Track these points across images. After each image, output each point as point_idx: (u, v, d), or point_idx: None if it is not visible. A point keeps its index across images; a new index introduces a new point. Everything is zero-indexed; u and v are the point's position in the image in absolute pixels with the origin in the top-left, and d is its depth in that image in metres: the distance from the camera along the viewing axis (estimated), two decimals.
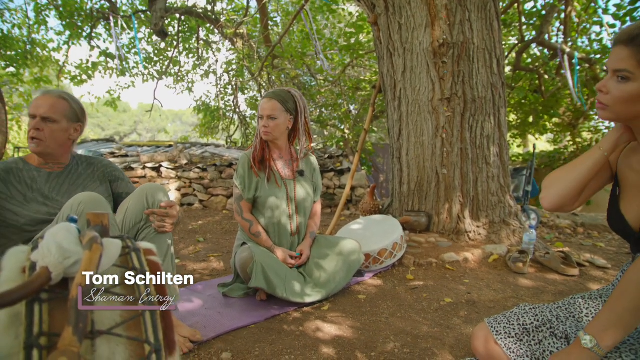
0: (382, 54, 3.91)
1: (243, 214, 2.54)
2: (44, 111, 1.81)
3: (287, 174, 2.62)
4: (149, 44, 10.90)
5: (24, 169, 1.86)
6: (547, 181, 1.30)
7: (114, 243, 0.99)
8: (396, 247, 2.99)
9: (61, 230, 0.96)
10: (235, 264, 2.47)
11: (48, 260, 0.88)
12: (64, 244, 0.91)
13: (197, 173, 6.61)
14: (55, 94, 1.88)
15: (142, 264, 1.00)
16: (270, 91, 2.60)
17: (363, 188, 6.42)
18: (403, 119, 3.75)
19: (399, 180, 3.87)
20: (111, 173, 2.07)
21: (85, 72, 9.90)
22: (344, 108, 9.53)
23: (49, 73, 10.70)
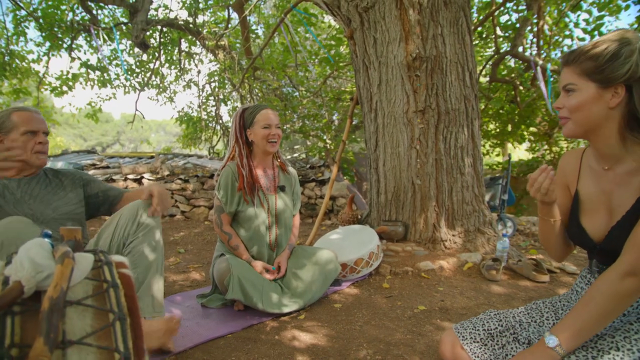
0: (359, 67, 3.99)
1: (222, 226, 2.58)
2: (45, 127, 2.00)
3: (269, 187, 2.67)
4: (131, 55, 10.89)
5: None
6: (541, 242, 1.53)
7: (86, 257, 1.03)
8: (372, 257, 3.05)
9: (34, 246, 0.99)
10: (213, 275, 2.51)
11: (21, 274, 0.92)
12: (37, 258, 0.95)
13: (179, 184, 6.61)
14: (36, 111, 2.02)
15: (113, 277, 1.04)
16: (264, 104, 2.68)
17: (344, 198, 6.48)
18: (379, 131, 3.81)
19: (377, 190, 3.93)
20: (81, 177, 2.18)
21: (65, 84, 9.84)
22: (325, 119, 9.63)
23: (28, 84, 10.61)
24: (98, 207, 2.21)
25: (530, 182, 1.33)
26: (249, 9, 7.08)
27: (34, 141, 1.96)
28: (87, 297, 0.98)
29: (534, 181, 1.31)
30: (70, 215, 2.07)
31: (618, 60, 1.17)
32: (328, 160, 8.57)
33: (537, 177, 1.31)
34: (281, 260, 2.65)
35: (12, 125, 1.93)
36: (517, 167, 9.71)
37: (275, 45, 9.45)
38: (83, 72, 10.03)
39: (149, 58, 10.74)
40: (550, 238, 1.44)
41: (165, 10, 10.07)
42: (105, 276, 1.03)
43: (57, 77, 9.81)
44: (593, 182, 1.35)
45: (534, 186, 1.32)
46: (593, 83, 1.20)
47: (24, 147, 1.94)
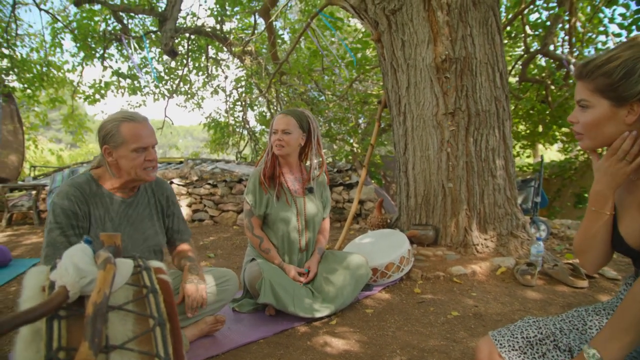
0: (386, 70, 3.97)
1: (254, 230, 2.60)
2: (155, 139, 1.86)
3: (297, 190, 2.68)
4: (160, 62, 11.15)
5: (98, 192, 1.83)
6: (576, 247, 1.38)
7: (126, 263, 1.06)
8: (403, 261, 3.02)
9: (77, 252, 1.02)
10: (245, 279, 2.53)
11: (66, 279, 0.94)
12: (80, 264, 0.97)
13: (207, 189, 6.70)
14: (145, 120, 1.86)
15: (152, 282, 1.06)
16: (285, 109, 2.69)
17: (372, 202, 6.45)
18: (408, 134, 3.79)
19: (406, 194, 3.89)
20: (168, 207, 2.08)
21: (98, 92, 10.18)
22: (352, 122, 9.60)
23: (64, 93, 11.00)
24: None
25: (610, 151, 1.20)
26: (275, 15, 7.16)
27: (144, 157, 1.81)
28: (128, 302, 1.00)
29: (615, 150, 1.19)
30: (157, 247, 2.01)
31: (632, 78, 1.10)
32: (355, 164, 8.54)
33: (621, 145, 1.17)
34: (311, 264, 2.65)
35: (121, 140, 1.76)
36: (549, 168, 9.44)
37: (301, 50, 9.50)
38: (114, 81, 10.36)
39: (178, 65, 10.98)
40: (595, 238, 1.32)
41: (193, 18, 10.25)
42: (145, 282, 1.05)
43: (90, 86, 10.17)
44: (626, 189, 1.29)
45: (617, 154, 1.18)
46: (607, 100, 1.14)
47: (133, 165, 1.80)
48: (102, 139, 1.77)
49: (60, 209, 1.69)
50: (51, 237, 1.67)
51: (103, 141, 1.77)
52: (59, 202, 1.70)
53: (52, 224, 1.69)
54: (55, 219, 1.68)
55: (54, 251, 1.66)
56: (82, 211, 1.73)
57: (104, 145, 1.77)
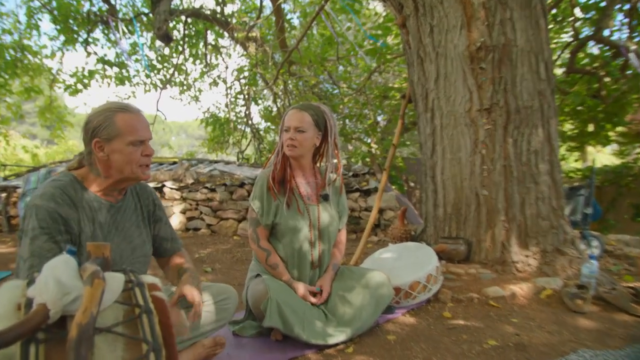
0: (412, 59, 3.96)
1: (259, 241, 2.58)
2: (150, 133, 1.85)
3: (310, 197, 2.66)
4: (152, 49, 11.22)
5: (84, 196, 1.80)
6: None
7: (116, 277, 1.05)
8: (431, 280, 2.98)
9: (59, 264, 1.02)
10: (248, 298, 2.51)
11: (46, 296, 0.93)
12: (63, 278, 0.96)
13: (204, 194, 6.72)
14: (139, 111, 1.87)
15: (146, 300, 1.05)
16: (299, 104, 2.67)
17: (393, 210, 6.42)
18: (437, 133, 3.77)
19: (433, 202, 3.87)
20: (154, 212, 2.08)
21: (80, 81, 10.20)
22: (370, 119, 9.59)
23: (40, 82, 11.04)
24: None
25: None
26: None
27: (141, 152, 1.80)
28: (117, 323, 0.99)
29: None
30: (146, 258, 2.00)
31: None
32: (373, 167, 8.51)
33: None
34: (324, 282, 2.63)
35: (116, 132, 1.74)
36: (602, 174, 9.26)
37: (313, 37, 9.52)
38: (100, 69, 10.40)
39: (172, 52, 11.05)
40: None
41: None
42: (137, 300, 1.04)
43: (71, 74, 10.19)
44: None
45: None
46: None
47: (129, 161, 1.78)
48: (92, 131, 1.75)
49: (45, 212, 1.65)
50: (36, 246, 1.62)
51: (93, 134, 1.75)
52: (43, 204, 1.67)
53: (35, 230, 1.64)
54: (40, 224, 1.64)
55: (40, 261, 1.59)
56: (70, 216, 1.71)
57: (94, 139, 1.75)
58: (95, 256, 1.11)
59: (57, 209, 1.67)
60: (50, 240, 1.64)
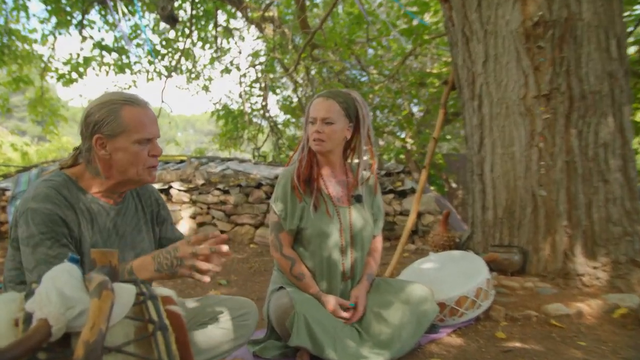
0: (456, 39, 3.92)
1: (282, 249, 2.57)
2: (158, 130, 1.85)
3: (340, 198, 2.64)
4: (155, 32, 11.31)
5: (81, 197, 1.81)
6: None
7: (126, 289, 1.03)
8: (480, 294, 2.94)
9: (62, 273, 1.00)
10: (270, 314, 2.50)
11: (47, 310, 0.92)
12: (66, 290, 0.95)
13: (216, 196, 6.76)
14: (147, 104, 1.86)
15: (160, 315, 1.03)
16: (326, 91, 2.64)
17: (432, 214, 6.36)
18: (485, 124, 3.73)
19: (482, 204, 3.83)
20: (159, 213, 2.11)
21: (75, 70, 10.24)
22: (405, 110, 9.53)
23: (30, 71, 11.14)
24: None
25: None
26: None
27: (147, 152, 1.80)
28: (128, 342, 0.97)
29: None
30: None
31: None
32: (409, 165, 8.46)
33: None
34: (359, 295, 2.60)
35: (121, 127, 1.74)
36: None
37: (338, 16, 9.50)
38: (96, 55, 10.48)
39: (178, 36, 11.13)
40: None
41: None
42: (151, 315, 1.02)
43: (65, 62, 10.24)
44: None
45: None
46: None
47: (134, 161, 1.78)
48: (93, 126, 1.75)
49: (43, 215, 1.64)
50: (41, 252, 1.62)
51: (94, 129, 1.74)
52: (39, 206, 1.66)
53: (35, 237, 1.63)
54: (39, 229, 1.63)
55: (48, 269, 1.60)
56: (70, 218, 1.71)
57: (95, 135, 1.74)
58: (101, 264, 1.09)
59: (55, 210, 1.67)
60: (55, 245, 1.64)
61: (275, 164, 9.46)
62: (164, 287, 1.21)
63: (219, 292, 4.02)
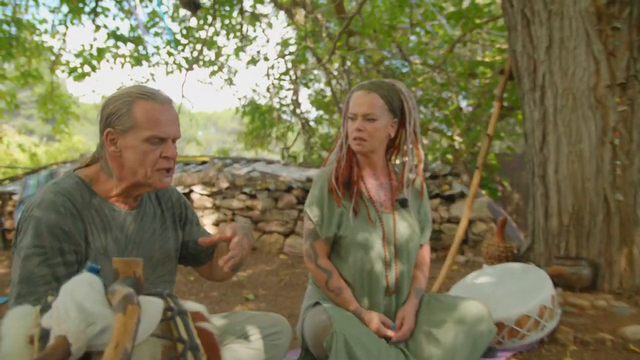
0: (515, 21, 3.89)
1: (318, 259, 2.55)
2: (178, 130, 1.85)
3: (383, 202, 2.60)
4: (175, 20, 11.43)
5: (93, 202, 1.82)
6: None
7: (153, 303, 1.02)
8: (545, 314, 2.88)
9: (82, 285, 1.00)
10: (305, 333, 2.47)
11: (66, 326, 0.91)
12: (87, 304, 0.94)
13: (242, 201, 6.80)
14: (167, 100, 1.86)
15: (190, 334, 1.02)
16: (367, 82, 2.60)
17: (484, 222, 6.28)
18: (548, 119, 3.69)
19: (544, 210, 3.79)
20: (182, 214, 2.13)
21: (87, 62, 10.36)
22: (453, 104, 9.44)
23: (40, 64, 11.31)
24: (179, 260, 2.16)
25: None
26: None
27: (159, 153, 1.79)
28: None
29: None
30: (171, 277, 2.05)
31: None
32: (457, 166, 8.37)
33: None
34: (406, 314, 2.55)
35: (131, 122, 1.74)
36: None
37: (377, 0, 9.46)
38: (111, 46, 10.61)
39: (200, 24, 11.22)
40: None
41: None
42: (180, 333, 1.02)
43: (76, 54, 10.35)
44: None
45: None
46: None
47: (142, 162, 1.77)
48: (107, 119, 1.76)
49: (45, 227, 1.65)
50: (27, 268, 1.63)
51: (106, 123, 1.76)
52: (42, 215, 1.67)
53: (29, 249, 1.64)
54: (35, 241, 1.64)
55: (29, 289, 1.62)
56: (76, 229, 1.71)
57: (106, 129, 1.75)
58: (124, 275, 1.08)
59: (59, 221, 1.67)
60: (44, 263, 1.63)
61: (306, 165, 9.47)
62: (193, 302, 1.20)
63: (246, 307, 4.02)
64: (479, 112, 9.42)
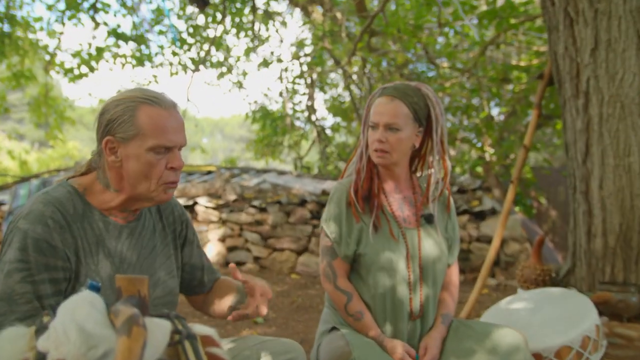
0: (556, 21, 3.87)
1: (337, 280, 2.54)
2: (184, 138, 1.85)
3: (406, 218, 2.59)
4: (181, 18, 11.51)
5: (86, 213, 1.82)
6: None
7: (159, 325, 1.01)
8: (588, 345, 2.83)
9: (82, 304, 0.99)
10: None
11: (65, 349, 0.91)
12: (88, 325, 0.93)
13: (251, 215, 6.81)
14: (172, 105, 1.88)
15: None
16: (390, 85, 2.58)
17: (517, 242, 6.24)
18: (593, 128, 3.66)
19: (587, 229, 3.75)
20: (184, 234, 2.13)
21: (85, 63, 10.43)
22: (483, 112, 9.41)
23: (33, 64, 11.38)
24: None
25: None
26: None
27: (165, 164, 1.79)
28: None
29: None
30: (172, 298, 2.05)
31: None
32: (489, 180, 8.33)
33: None
34: (430, 342, 2.53)
35: (135, 130, 1.74)
36: None
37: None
38: (111, 45, 10.68)
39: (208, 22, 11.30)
40: None
41: None
42: (189, 358, 1.01)
43: (73, 54, 10.44)
44: None
45: None
46: None
47: (146, 173, 1.77)
48: (106, 125, 1.75)
49: (31, 240, 1.64)
50: (7, 285, 1.61)
51: (106, 130, 1.75)
52: (28, 228, 1.65)
53: (12, 263, 1.62)
54: (20, 255, 1.63)
55: (10, 307, 1.60)
56: (65, 244, 1.70)
57: (106, 137, 1.74)
58: (128, 294, 1.07)
59: (46, 235, 1.67)
60: (27, 279, 1.62)
61: (321, 177, 9.48)
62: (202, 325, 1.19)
63: (255, 332, 4.01)
64: (513, 120, 9.40)
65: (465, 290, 5.14)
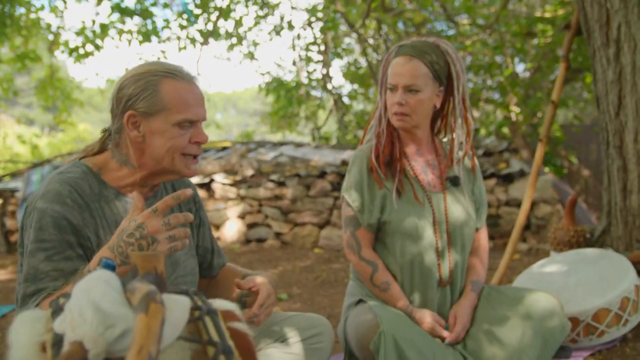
0: None
1: (361, 250, 2.54)
2: (205, 111, 1.88)
3: (430, 181, 2.58)
4: None
5: (103, 192, 1.84)
6: None
7: (178, 301, 1.01)
8: (627, 306, 2.85)
9: (98, 284, 0.99)
10: (348, 335, 2.47)
11: (82, 331, 0.91)
12: (104, 304, 0.94)
13: (270, 189, 6.82)
14: (193, 80, 1.90)
15: (222, 335, 1.01)
16: (407, 43, 2.55)
17: (549, 204, 6.20)
18: (625, 79, 3.61)
19: (622, 186, 3.72)
20: (197, 213, 2.15)
21: (90, 41, 10.39)
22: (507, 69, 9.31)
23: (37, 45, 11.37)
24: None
25: None
26: None
27: (189, 138, 1.82)
28: None
29: None
30: (193, 277, 2.07)
31: None
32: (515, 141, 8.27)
33: None
34: (460, 310, 2.54)
35: (159, 105, 1.76)
36: None
37: None
38: (115, 21, 10.64)
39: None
40: None
41: None
42: (210, 335, 1.01)
43: (77, 32, 10.40)
44: None
45: None
46: None
47: (171, 147, 1.80)
48: (126, 101, 1.77)
49: (50, 218, 1.67)
50: (31, 265, 1.65)
51: (127, 105, 1.77)
52: (46, 207, 1.68)
53: (34, 243, 1.66)
54: (40, 235, 1.66)
55: (36, 287, 1.64)
56: (84, 222, 1.73)
57: (128, 111, 1.76)
58: (144, 271, 1.08)
59: (65, 213, 1.69)
60: (50, 258, 1.65)
61: (340, 147, 9.46)
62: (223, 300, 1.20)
63: (279, 308, 4.04)
64: (539, 77, 9.27)
65: (495, 256, 5.13)
